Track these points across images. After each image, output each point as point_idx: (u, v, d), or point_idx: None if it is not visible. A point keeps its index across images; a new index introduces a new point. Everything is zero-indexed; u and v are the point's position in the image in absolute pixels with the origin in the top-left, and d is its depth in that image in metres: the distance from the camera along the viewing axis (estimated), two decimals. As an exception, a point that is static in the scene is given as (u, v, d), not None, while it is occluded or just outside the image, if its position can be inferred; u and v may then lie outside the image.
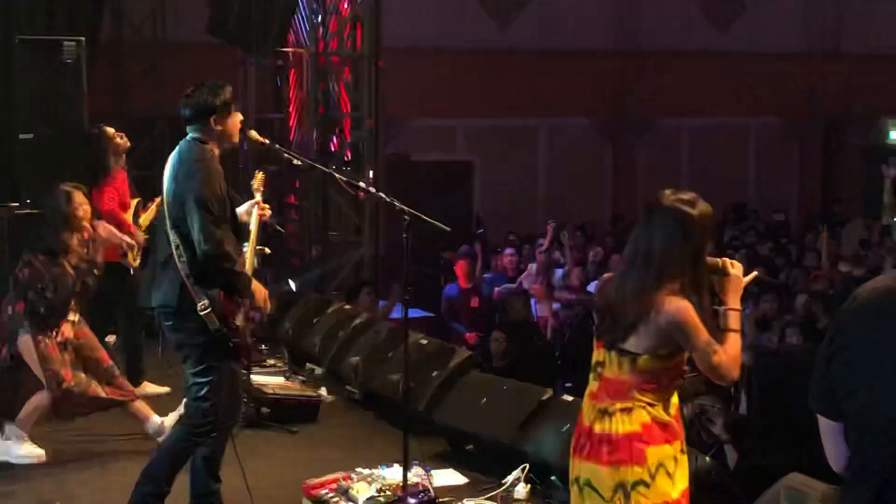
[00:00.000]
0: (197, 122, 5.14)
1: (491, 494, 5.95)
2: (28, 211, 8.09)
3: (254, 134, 5.78)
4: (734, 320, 3.60)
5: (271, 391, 7.69)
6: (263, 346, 9.38)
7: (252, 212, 5.86)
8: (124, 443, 6.98)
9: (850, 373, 2.63)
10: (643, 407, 3.53)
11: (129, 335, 8.33)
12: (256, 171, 5.99)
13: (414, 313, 12.36)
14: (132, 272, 8.06)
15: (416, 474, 6.00)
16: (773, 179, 19.90)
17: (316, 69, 11.64)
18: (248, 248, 5.85)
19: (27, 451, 6.65)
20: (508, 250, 12.53)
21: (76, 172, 7.70)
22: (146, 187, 11.32)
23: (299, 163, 5.73)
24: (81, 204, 6.82)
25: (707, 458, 5.47)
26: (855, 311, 2.66)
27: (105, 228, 7.67)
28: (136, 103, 11.83)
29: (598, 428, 3.58)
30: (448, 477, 6.36)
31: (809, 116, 19.95)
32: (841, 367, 2.64)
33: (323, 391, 8.14)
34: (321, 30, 11.70)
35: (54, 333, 6.66)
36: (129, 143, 8.16)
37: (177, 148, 5.22)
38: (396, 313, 10.40)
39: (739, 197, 18.91)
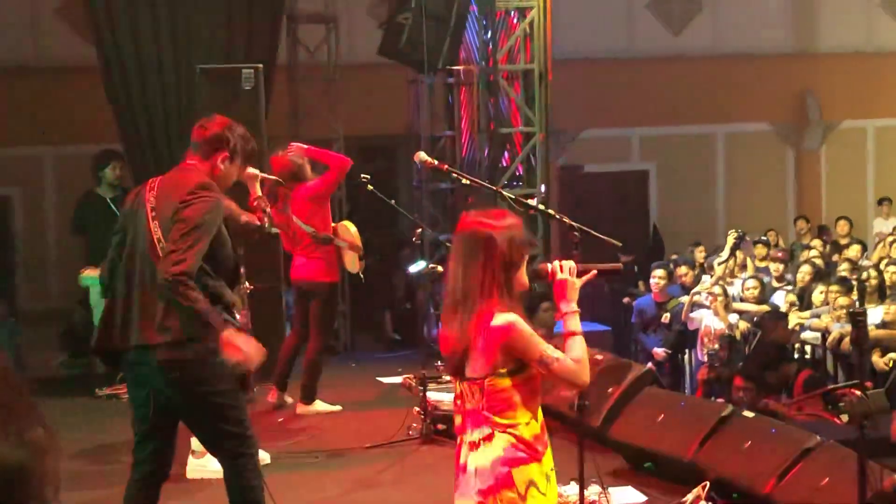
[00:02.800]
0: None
1: (671, 513, 5.84)
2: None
3: (423, 155, 5.84)
4: (571, 323, 3.59)
5: (446, 407, 7.73)
6: (439, 363, 9.43)
7: None
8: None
9: None
10: (503, 431, 3.46)
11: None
12: None
13: (590, 327, 12.34)
14: None
15: (593, 492, 5.93)
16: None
17: (486, 85, 11.69)
18: None
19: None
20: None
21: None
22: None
23: (467, 182, 5.73)
24: None
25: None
26: None
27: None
28: (312, 125, 12.10)
29: (469, 463, 3.52)
30: (627, 495, 6.27)
31: None
32: None
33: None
34: (490, 46, 11.75)
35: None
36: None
37: None
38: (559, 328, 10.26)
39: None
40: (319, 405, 8.43)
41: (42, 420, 1.04)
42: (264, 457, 7.07)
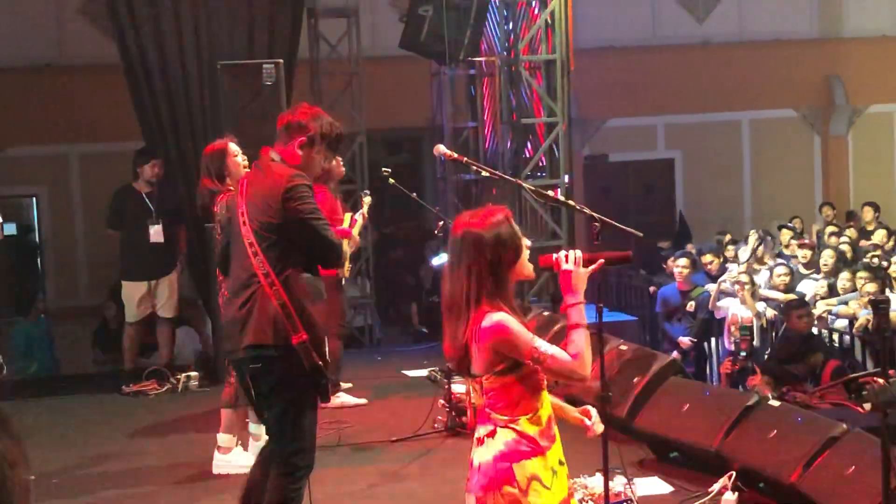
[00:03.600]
0: None
1: (698, 503, 5.81)
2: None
3: (442, 148, 5.82)
4: (575, 315, 3.51)
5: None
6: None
7: None
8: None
9: None
10: (503, 426, 3.44)
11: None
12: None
13: (615, 317, 12.29)
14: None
15: (618, 483, 5.91)
16: None
17: (508, 76, 11.67)
18: None
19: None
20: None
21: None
22: (346, 200, 11.63)
23: (487, 173, 5.70)
24: None
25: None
26: None
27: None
28: (334, 119, 12.07)
29: (475, 459, 3.50)
30: (652, 485, 6.24)
31: None
32: None
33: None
34: (512, 37, 11.73)
35: None
36: (343, 171, 8.50)
37: None
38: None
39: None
40: (344, 398, 8.45)
41: (10, 432, 1.03)
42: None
